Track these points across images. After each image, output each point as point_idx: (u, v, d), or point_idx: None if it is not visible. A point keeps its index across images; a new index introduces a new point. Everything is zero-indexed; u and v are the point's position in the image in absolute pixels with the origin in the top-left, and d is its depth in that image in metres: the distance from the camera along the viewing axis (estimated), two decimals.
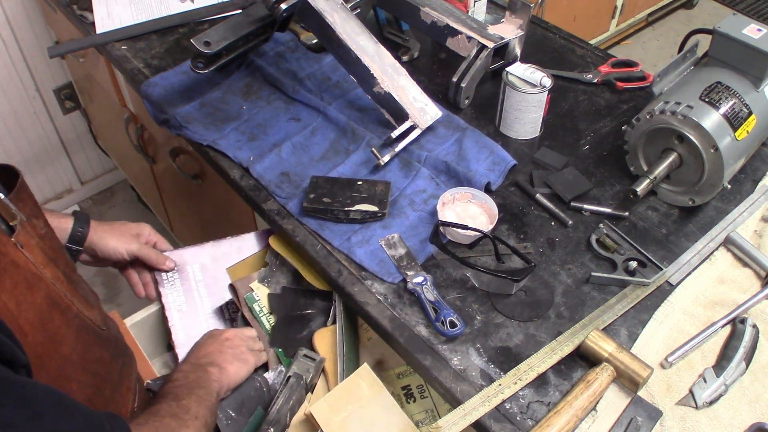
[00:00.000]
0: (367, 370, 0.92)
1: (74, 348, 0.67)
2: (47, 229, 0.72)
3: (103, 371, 0.72)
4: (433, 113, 1.16)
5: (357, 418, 0.88)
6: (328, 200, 1.03)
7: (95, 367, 0.71)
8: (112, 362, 0.75)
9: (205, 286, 1.09)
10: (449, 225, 0.99)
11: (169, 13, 1.45)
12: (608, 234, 1.01)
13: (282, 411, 0.90)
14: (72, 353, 0.67)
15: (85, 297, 0.72)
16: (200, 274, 1.10)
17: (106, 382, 0.73)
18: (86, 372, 0.69)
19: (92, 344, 0.71)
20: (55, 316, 0.65)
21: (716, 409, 0.83)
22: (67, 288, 0.68)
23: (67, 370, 0.66)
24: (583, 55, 1.37)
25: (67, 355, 0.66)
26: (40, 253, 0.66)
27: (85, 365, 0.69)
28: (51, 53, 1.40)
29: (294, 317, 1.03)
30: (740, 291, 0.95)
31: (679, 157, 1.01)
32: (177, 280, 1.10)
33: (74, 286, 0.70)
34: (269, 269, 1.09)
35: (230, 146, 1.16)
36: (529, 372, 0.85)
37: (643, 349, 0.89)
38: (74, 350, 0.67)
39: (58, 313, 0.65)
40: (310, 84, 1.27)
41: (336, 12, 1.16)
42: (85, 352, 0.69)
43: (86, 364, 0.69)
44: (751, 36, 1.00)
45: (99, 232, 1.05)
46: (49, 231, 0.72)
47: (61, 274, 0.68)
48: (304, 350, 0.96)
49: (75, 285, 0.71)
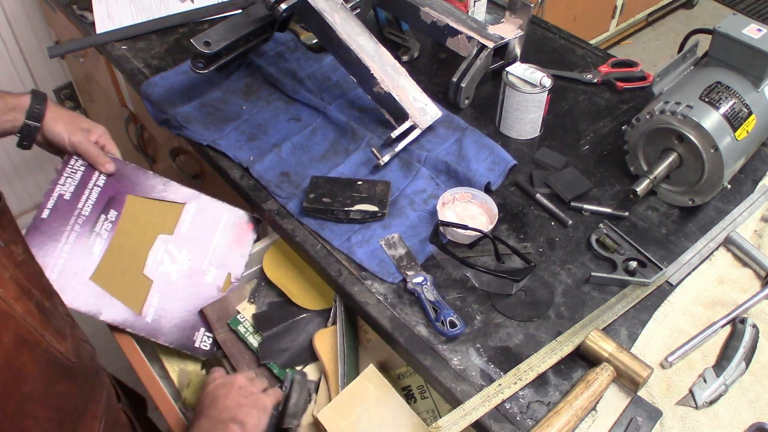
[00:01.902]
0: (373, 371, 0.92)
1: (37, 385, 0.64)
2: (25, 255, 0.69)
3: (67, 405, 0.69)
4: (433, 113, 1.16)
5: (366, 420, 0.88)
6: (328, 200, 1.03)
7: (58, 402, 0.68)
8: (79, 394, 0.72)
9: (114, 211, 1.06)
10: (449, 225, 0.99)
11: (169, 13, 1.45)
12: (608, 234, 1.01)
13: (299, 404, 0.92)
14: (34, 390, 0.64)
15: (58, 328, 0.69)
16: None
17: (68, 415, 0.70)
18: (47, 407, 0.66)
19: (58, 379, 0.68)
20: (23, 353, 0.62)
21: (716, 409, 0.83)
22: (39, 321, 0.65)
23: (25, 408, 0.63)
24: (583, 55, 1.37)
25: (28, 393, 0.63)
26: (13, 286, 0.63)
27: (46, 401, 0.66)
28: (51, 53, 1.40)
29: (285, 328, 1.03)
30: (740, 291, 0.95)
31: (679, 157, 1.01)
32: (80, 172, 1.06)
33: (47, 317, 0.67)
34: (258, 284, 1.10)
35: (230, 146, 1.16)
36: (529, 372, 0.85)
37: (643, 349, 0.89)
38: (36, 387, 0.64)
39: (27, 350, 0.63)
40: (310, 84, 1.27)
41: (336, 12, 1.16)
42: (48, 387, 0.66)
43: (48, 400, 0.66)
44: (751, 36, 1.00)
45: (54, 113, 1.05)
46: (28, 257, 0.69)
47: (34, 307, 0.65)
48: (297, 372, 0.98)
49: (48, 316, 0.68)
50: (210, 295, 1.06)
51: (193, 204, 1.11)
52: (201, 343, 1.03)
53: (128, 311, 1.00)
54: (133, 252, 1.04)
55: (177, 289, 1.05)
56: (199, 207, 1.11)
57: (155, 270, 1.04)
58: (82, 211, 1.04)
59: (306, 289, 1.07)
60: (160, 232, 1.07)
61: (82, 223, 1.03)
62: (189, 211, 1.10)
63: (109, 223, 1.04)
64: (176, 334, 1.02)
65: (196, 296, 1.05)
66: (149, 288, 1.03)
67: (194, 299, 1.05)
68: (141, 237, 1.06)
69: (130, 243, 1.05)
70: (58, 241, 1.00)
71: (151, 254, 1.05)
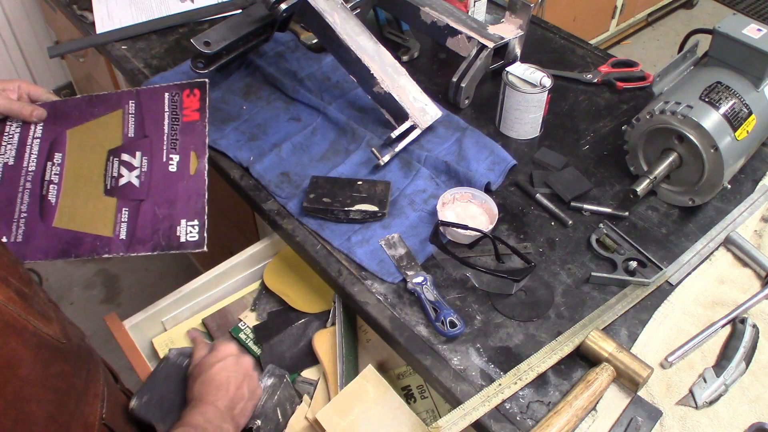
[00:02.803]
0: (371, 371, 0.92)
1: (33, 368, 0.65)
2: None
3: (65, 385, 0.70)
4: (433, 113, 1.16)
5: (364, 420, 0.88)
6: (328, 200, 1.03)
7: (56, 383, 0.68)
8: (75, 374, 0.72)
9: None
10: (449, 225, 0.99)
11: (169, 13, 1.45)
12: (608, 234, 1.01)
13: (267, 405, 0.90)
14: (31, 374, 0.64)
15: (42, 312, 0.69)
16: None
17: (68, 396, 0.70)
18: (46, 389, 0.67)
19: (52, 360, 0.68)
20: (11, 339, 0.62)
21: (716, 409, 0.83)
22: (22, 307, 0.65)
23: (25, 391, 0.64)
24: (583, 55, 1.37)
25: (25, 377, 0.64)
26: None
27: (45, 383, 0.66)
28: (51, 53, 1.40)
29: (286, 334, 1.03)
30: (740, 291, 0.95)
31: (679, 157, 1.01)
32: (17, 134, 1.07)
33: (29, 303, 0.67)
34: (260, 293, 1.10)
35: (230, 146, 1.16)
36: (529, 372, 0.85)
37: (643, 349, 0.89)
38: (33, 370, 0.65)
39: (14, 335, 0.63)
40: (310, 84, 1.27)
41: (336, 12, 1.16)
42: (44, 369, 0.66)
43: (46, 381, 0.67)
44: (751, 36, 1.00)
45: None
46: (1, 248, 0.69)
47: (14, 293, 0.65)
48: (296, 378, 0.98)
49: (29, 302, 0.68)
50: (184, 184, 1.02)
51: (130, 104, 1.08)
52: (187, 236, 0.98)
53: (99, 238, 0.98)
54: (88, 180, 1.03)
55: (145, 193, 1.01)
56: (137, 103, 1.08)
57: (115, 186, 1.02)
58: (28, 169, 1.03)
59: (305, 294, 1.07)
60: (108, 148, 1.05)
61: (31, 179, 1.03)
62: (129, 111, 1.07)
63: (57, 167, 1.04)
64: (155, 238, 0.98)
65: (167, 190, 1.01)
66: (114, 206, 1.00)
67: (166, 193, 1.01)
68: (91, 161, 1.05)
69: (84, 173, 1.04)
70: (13, 206, 1.01)
71: (106, 174, 1.03)
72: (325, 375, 0.97)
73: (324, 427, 0.88)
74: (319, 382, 0.98)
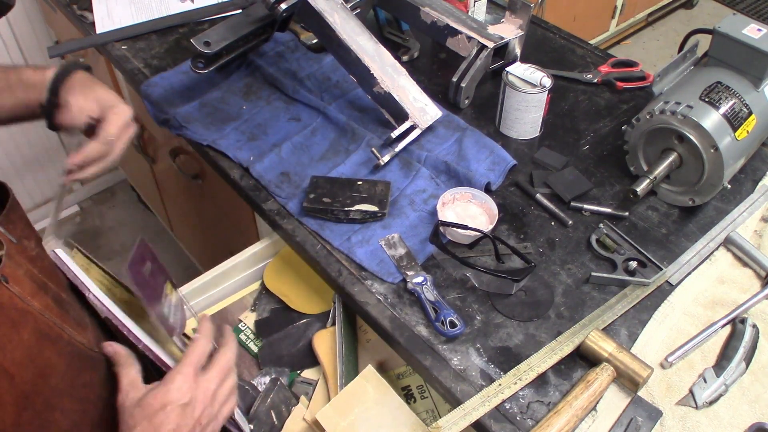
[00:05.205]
0: (371, 371, 0.92)
1: (64, 377, 0.64)
2: (38, 249, 0.68)
3: (92, 395, 0.69)
4: (433, 113, 1.16)
5: (364, 420, 0.88)
6: (328, 200, 1.03)
7: (83, 393, 0.67)
8: (102, 383, 0.71)
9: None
10: (449, 225, 0.99)
11: (169, 13, 1.45)
12: (608, 234, 1.01)
13: (260, 409, 0.90)
14: (61, 383, 0.63)
15: (77, 319, 0.69)
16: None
17: (93, 404, 0.70)
18: (73, 399, 0.66)
19: (82, 369, 0.67)
20: (46, 348, 0.62)
21: (716, 409, 0.83)
22: (58, 314, 0.64)
23: (53, 401, 0.63)
24: (583, 55, 1.37)
25: (55, 386, 0.63)
26: (28, 282, 0.62)
27: (72, 392, 0.65)
28: (51, 53, 1.40)
29: (285, 333, 1.03)
30: (740, 291, 0.95)
31: (679, 157, 1.01)
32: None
33: (65, 310, 0.67)
34: (260, 294, 1.10)
35: (230, 146, 1.16)
36: (529, 372, 0.85)
37: (643, 349, 0.89)
38: (63, 379, 0.64)
39: (49, 344, 0.62)
40: (310, 84, 1.27)
41: (336, 12, 1.16)
42: (74, 378, 0.66)
43: (73, 391, 0.66)
44: (751, 36, 1.00)
45: (73, 91, 0.86)
46: (41, 251, 0.69)
47: (51, 301, 0.64)
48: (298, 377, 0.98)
49: (66, 308, 0.67)
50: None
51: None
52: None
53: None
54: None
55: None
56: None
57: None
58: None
59: (305, 295, 1.07)
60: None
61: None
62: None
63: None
64: None
65: None
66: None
67: None
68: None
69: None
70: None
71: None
72: (324, 375, 0.97)
73: (324, 427, 0.88)
74: (319, 383, 0.98)
